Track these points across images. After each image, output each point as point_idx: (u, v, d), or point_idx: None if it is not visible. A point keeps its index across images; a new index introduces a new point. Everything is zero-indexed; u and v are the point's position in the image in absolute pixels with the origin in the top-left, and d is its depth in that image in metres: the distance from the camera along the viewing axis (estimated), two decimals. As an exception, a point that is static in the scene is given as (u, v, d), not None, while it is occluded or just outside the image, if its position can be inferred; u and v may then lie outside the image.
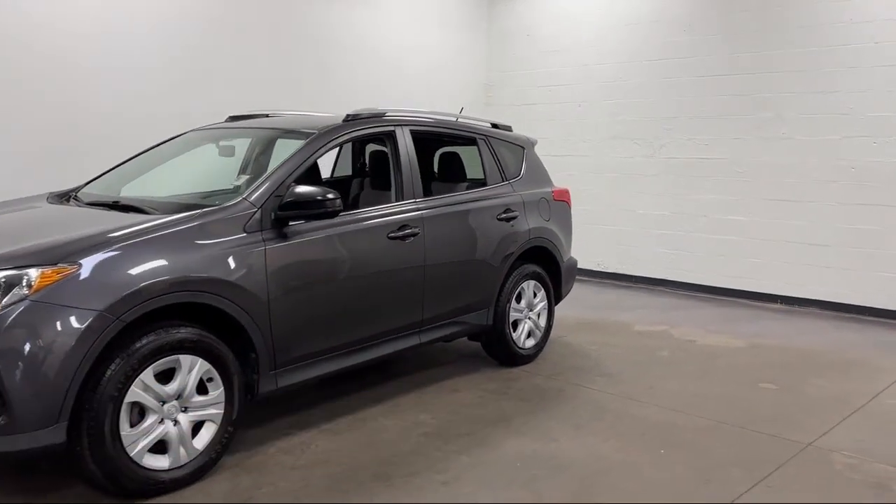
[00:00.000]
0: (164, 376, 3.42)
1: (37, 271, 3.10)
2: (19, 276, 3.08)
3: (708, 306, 7.70)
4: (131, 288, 3.21)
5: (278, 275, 3.79)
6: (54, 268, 3.12)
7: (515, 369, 5.44)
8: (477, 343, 5.57)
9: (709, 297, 8.06)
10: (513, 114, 9.61)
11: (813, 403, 4.84)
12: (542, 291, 5.67)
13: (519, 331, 5.48)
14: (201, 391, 3.55)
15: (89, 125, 6.13)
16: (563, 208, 5.91)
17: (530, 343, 5.58)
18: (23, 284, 3.06)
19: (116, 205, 4.03)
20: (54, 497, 3.44)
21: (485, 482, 3.67)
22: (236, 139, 5.15)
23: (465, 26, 9.63)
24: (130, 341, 3.26)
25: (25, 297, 3.04)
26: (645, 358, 5.80)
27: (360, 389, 4.90)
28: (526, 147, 5.81)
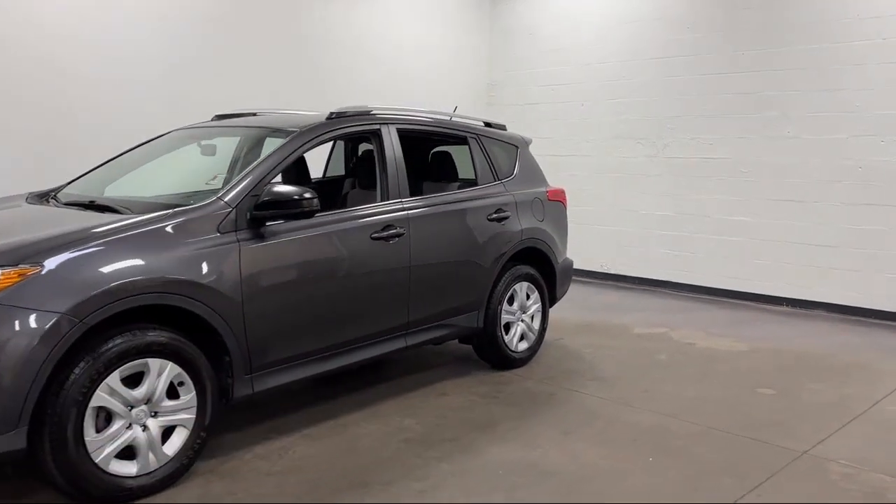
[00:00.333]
0: (132, 380, 3.33)
1: (-2, 272, 3.02)
2: (-20, 276, 3.00)
3: (711, 309, 7.55)
4: (95, 290, 3.12)
5: (253, 276, 3.69)
6: (16, 268, 3.04)
7: (507, 373, 5.32)
8: (469, 346, 5.45)
9: (712, 300, 7.91)
10: (515, 113, 9.52)
11: (811, 409, 4.69)
12: (535, 293, 5.54)
13: (511, 333, 5.36)
14: (172, 395, 3.46)
15: (81, 123, 6.08)
16: (559, 208, 5.78)
17: (523, 346, 5.46)
18: (-17, 285, 2.98)
19: (92, 205, 3.95)
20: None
21: (464, 491, 3.56)
22: (223, 138, 5.07)
23: (466, 26, 9.53)
24: (96, 344, 3.18)
25: (-15, 298, 2.96)
26: (642, 361, 5.67)
27: (345, 393, 4.80)
28: (520, 146, 5.69)
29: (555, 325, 6.58)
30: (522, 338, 5.45)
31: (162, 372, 3.37)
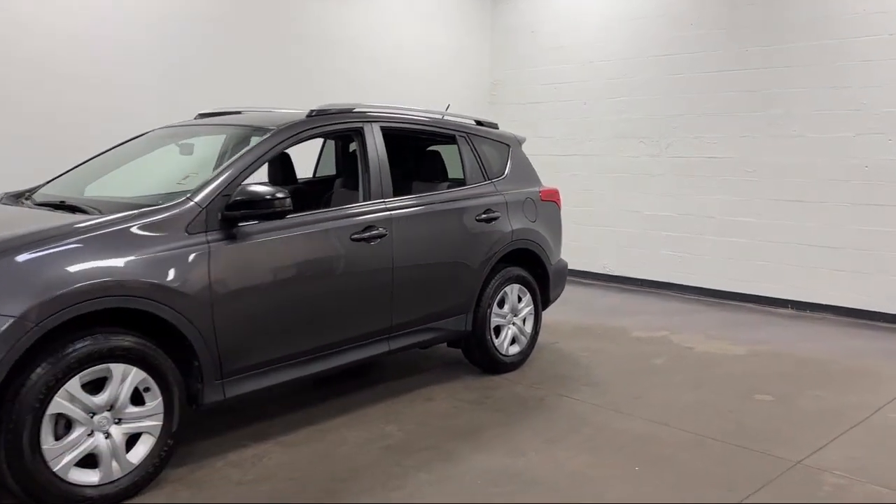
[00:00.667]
0: (96, 386, 3.23)
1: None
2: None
3: (713, 311, 7.38)
4: (53, 293, 3.02)
5: (224, 279, 3.58)
6: (-31, 271, 2.95)
7: (497, 377, 5.18)
8: (459, 350, 5.31)
9: (715, 302, 7.74)
10: (517, 112, 9.40)
11: (809, 417, 4.52)
12: (527, 296, 5.40)
13: (502, 337, 5.22)
14: (138, 402, 3.35)
15: (73, 123, 6.02)
16: (552, 209, 5.63)
17: (514, 350, 5.32)
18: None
19: (63, 205, 3.85)
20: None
21: (440, 501, 3.43)
22: (208, 137, 4.96)
23: (468, 24, 9.41)
24: (56, 349, 3.08)
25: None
26: (638, 366, 5.51)
27: (330, 397, 4.69)
28: (512, 145, 5.55)
29: (552, 327, 6.45)
30: (514, 341, 5.32)
31: (125, 377, 3.27)
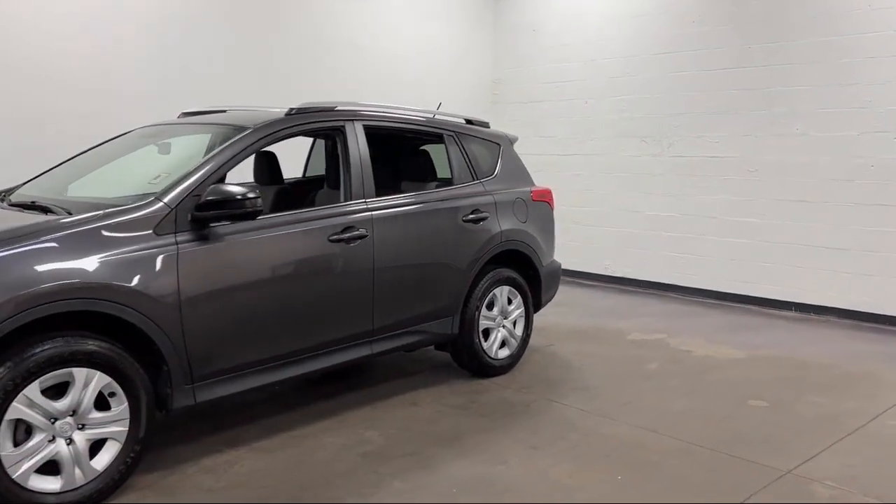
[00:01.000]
0: (59, 390, 3.15)
1: None
2: None
3: (715, 313, 7.23)
4: (9, 295, 2.95)
5: (193, 281, 3.50)
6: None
7: (486, 381, 5.07)
8: (447, 353, 5.21)
9: (718, 304, 7.59)
10: (519, 111, 9.29)
11: (804, 424, 4.38)
12: (518, 298, 5.28)
13: (491, 340, 5.12)
14: (103, 407, 3.28)
15: (64, 124, 5.97)
16: (544, 209, 5.51)
17: (504, 353, 5.21)
18: None
19: (34, 205, 3.78)
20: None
21: (411, 510, 3.34)
22: (190, 136, 4.88)
23: (470, 22, 9.30)
24: (15, 353, 3.00)
25: None
26: (631, 370, 5.38)
27: (311, 402, 4.60)
28: (503, 144, 5.44)
29: (548, 330, 6.34)
30: (503, 344, 5.21)
31: (89, 382, 3.19)
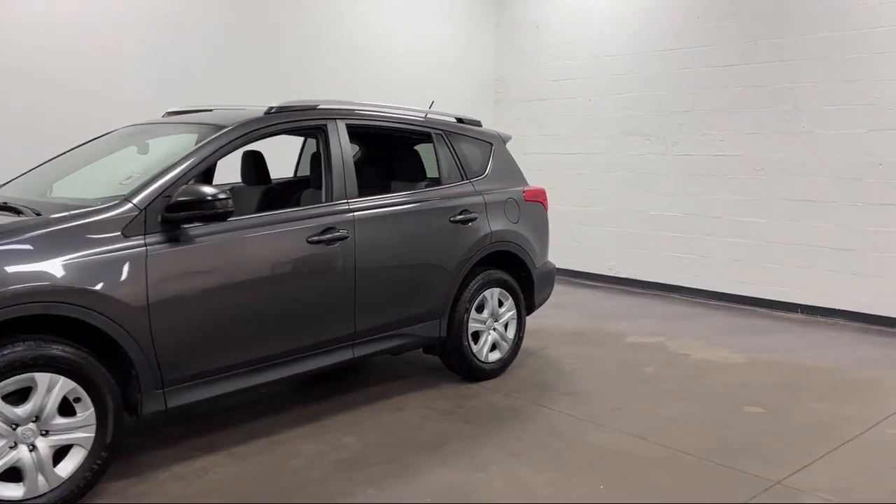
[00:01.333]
0: (22, 396, 3.09)
1: None
2: None
3: (718, 315, 7.07)
4: (-39, 298, 2.89)
5: (163, 284, 3.42)
6: None
7: (476, 385, 4.97)
8: (437, 357, 5.11)
9: (722, 305, 7.43)
10: (522, 110, 9.17)
11: (800, 431, 4.24)
12: (509, 300, 5.17)
13: (481, 343, 5.01)
14: (68, 412, 3.21)
15: (63, 125, 5.94)
16: (537, 210, 5.39)
17: (495, 356, 5.10)
18: None
19: (5, 206, 3.72)
20: None
21: (383, 520, 3.24)
22: (174, 135, 4.81)
23: (473, 20, 9.20)
24: (-28, 358, 2.94)
25: None
26: (626, 374, 5.26)
27: (292, 406, 4.52)
28: (494, 144, 5.33)
29: (544, 331, 6.24)
30: (494, 348, 5.10)
31: (52, 387, 3.12)
